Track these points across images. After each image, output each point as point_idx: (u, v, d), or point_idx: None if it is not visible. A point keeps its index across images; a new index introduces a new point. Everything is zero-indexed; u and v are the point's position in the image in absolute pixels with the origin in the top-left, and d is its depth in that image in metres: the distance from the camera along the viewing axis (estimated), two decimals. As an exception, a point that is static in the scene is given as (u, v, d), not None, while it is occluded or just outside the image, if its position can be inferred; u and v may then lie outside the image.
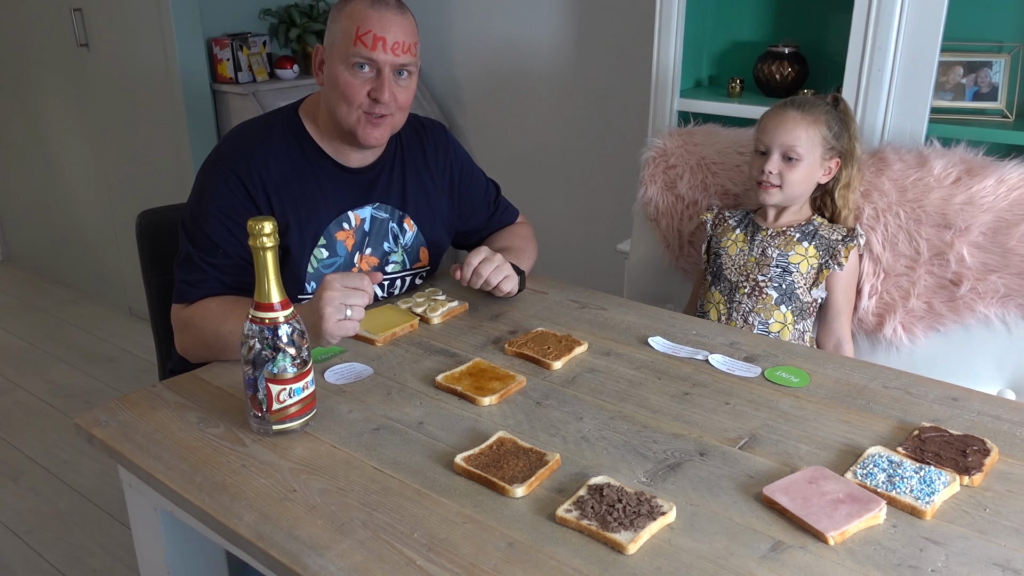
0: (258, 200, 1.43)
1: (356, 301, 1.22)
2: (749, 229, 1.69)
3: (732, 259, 1.68)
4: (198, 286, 1.39)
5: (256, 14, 3.02)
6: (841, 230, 1.63)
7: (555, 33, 2.90)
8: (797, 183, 1.60)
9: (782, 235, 1.65)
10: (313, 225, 1.48)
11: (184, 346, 1.41)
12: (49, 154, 3.56)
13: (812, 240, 1.63)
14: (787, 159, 1.59)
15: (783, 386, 1.24)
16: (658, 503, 0.94)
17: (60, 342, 3.29)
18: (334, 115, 1.43)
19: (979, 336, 1.58)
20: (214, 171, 1.44)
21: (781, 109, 1.62)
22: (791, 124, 1.58)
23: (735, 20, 2.27)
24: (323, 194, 1.49)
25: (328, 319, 1.20)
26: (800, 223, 1.65)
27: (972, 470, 1.00)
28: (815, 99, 1.65)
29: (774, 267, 1.63)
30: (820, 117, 1.59)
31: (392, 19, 1.38)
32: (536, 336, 1.39)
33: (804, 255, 1.62)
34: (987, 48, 1.90)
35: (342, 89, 1.39)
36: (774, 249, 1.64)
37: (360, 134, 1.43)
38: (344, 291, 1.21)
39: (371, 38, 1.36)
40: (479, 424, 1.14)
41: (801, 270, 1.62)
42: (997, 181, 1.54)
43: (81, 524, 2.21)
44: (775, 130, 1.60)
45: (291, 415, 1.09)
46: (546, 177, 3.11)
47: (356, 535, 0.92)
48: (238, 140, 1.47)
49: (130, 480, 1.17)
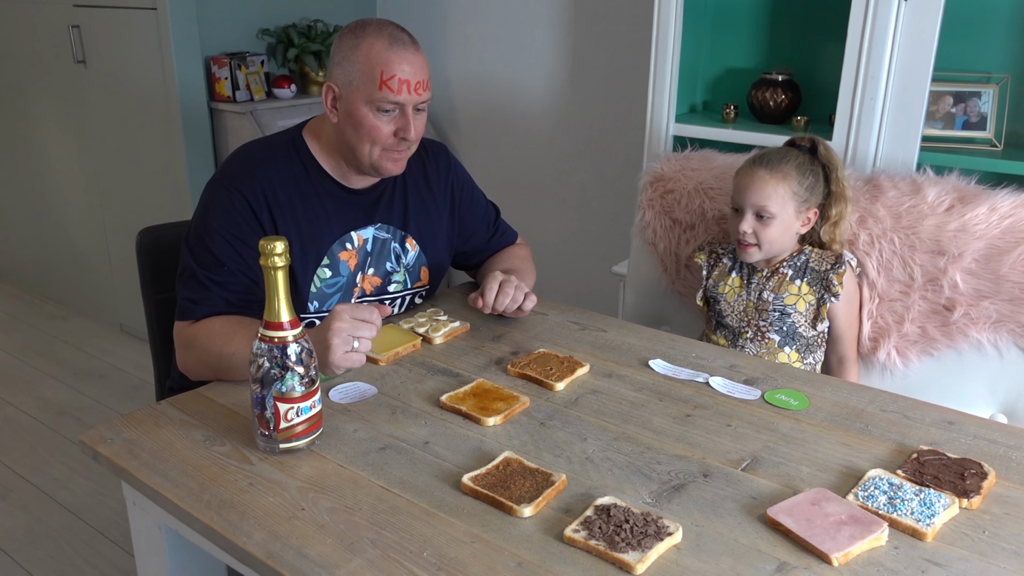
0: (262, 219, 1.44)
1: (364, 334, 1.23)
2: (744, 271, 1.70)
3: (731, 305, 1.69)
4: (202, 304, 1.39)
5: (254, 34, 3.05)
6: (830, 258, 1.64)
7: (551, 57, 2.94)
8: (774, 240, 1.61)
9: (776, 274, 1.65)
10: (316, 245, 1.49)
11: (186, 364, 1.41)
12: (43, 170, 3.56)
13: (804, 276, 1.63)
14: (760, 218, 1.59)
15: (783, 409, 1.26)
16: (664, 524, 0.96)
17: (50, 358, 3.27)
18: (354, 151, 1.44)
19: (972, 361, 1.61)
20: (219, 189, 1.45)
21: (750, 168, 1.62)
22: (759, 184, 1.58)
23: (729, 47, 2.32)
24: (326, 214, 1.50)
25: (335, 350, 1.21)
26: (792, 255, 1.66)
27: (971, 493, 1.02)
28: (787, 151, 1.63)
29: (772, 311, 1.64)
30: (790, 172, 1.58)
31: (412, 59, 1.39)
32: (538, 357, 1.40)
33: (799, 294, 1.63)
34: (976, 79, 1.94)
35: (368, 131, 1.41)
36: (769, 292, 1.64)
37: (383, 168, 1.46)
38: (353, 323, 1.22)
39: (396, 83, 1.37)
40: (484, 444, 1.15)
41: (799, 309, 1.63)
42: (989, 209, 1.57)
43: (72, 542, 2.20)
44: (746, 191, 1.60)
45: (298, 434, 1.10)
46: (541, 199, 3.13)
47: (366, 554, 0.92)
48: (243, 160, 1.49)
49: (134, 497, 1.17)
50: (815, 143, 1.65)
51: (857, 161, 1.92)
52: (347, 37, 1.42)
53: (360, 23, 1.43)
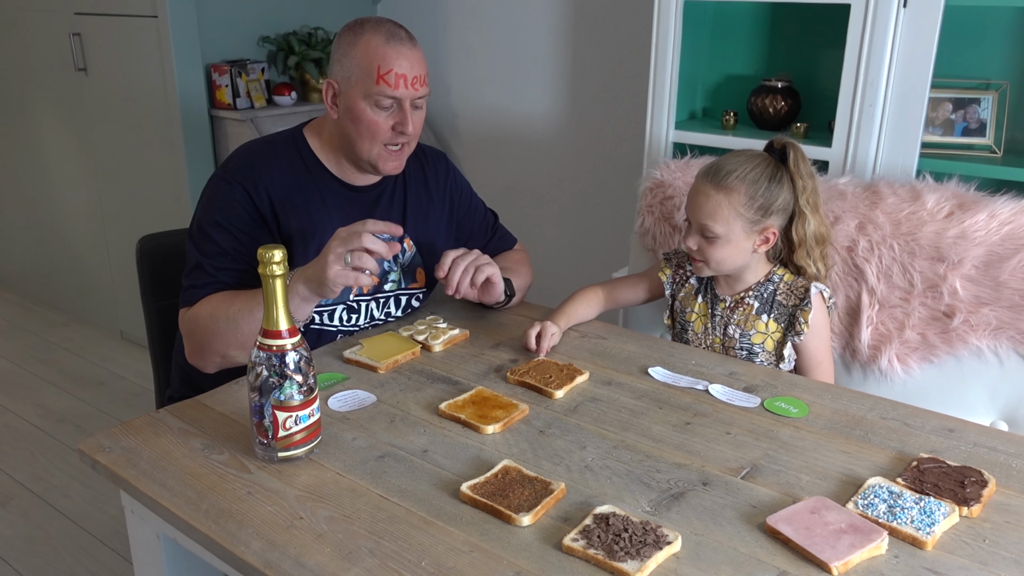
0: (263, 211, 1.46)
1: (354, 245, 1.26)
2: (708, 297, 1.59)
3: (698, 336, 1.59)
4: (201, 287, 1.42)
5: (255, 41, 3.05)
6: (799, 291, 1.51)
7: (551, 64, 2.94)
8: (722, 260, 1.48)
9: (740, 305, 1.54)
10: (317, 238, 1.50)
11: (194, 347, 1.43)
12: (43, 177, 3.56)
13: (771, 310, 1.52)
14: (705, 236, 1.47)
15: (782, 416, 1.26)
16: (663, 533, 0.95)
17: (50, 365, 3.27)
18: (354, 148, 1.47)
19: (972, 368, 1.61)
20: (220, 184, 1.47)
21: (699, 182, 1.48)
22: (703, 200, 1.45)
23: (729, 54, 2.32)
24: (327, 210, 1.52)
25: (330, 266, 1.25)
26: (759, 282, 1.54)
27: (971, 501, 1.02)
28: (746, 159, 1.46)
29: (739, 349, 1.54)
30: (738, 188, 1.42)
31: (409, 54, 1.42)
32: (537, 365, 1.40)
33: (766, 332, 1.53)
34: (975, 85, 1.94)
35: (367, 126, 1.43)
36: (735, 328, 1.54)
37: (383, 167, 1.48)
38: (347, 239, 1.26)
39: (393, 77, 1.40)
40: (483, 452, 1.15)
41: (767, 348, 1.53)
42: (989, 216, 1.57)
43: (72, 550, 2.19)
44: (691, 206, 1.48)
45: (297, 442, 1.10)
46: (541, 205, 3.13)
47: (364, 563, 0.92)
48: (244, 155, 1.52)
49: (132, 506, 1.16)
50: (786, 150, 1.49)
51: (857, 168, 1.92)
52: (346, 34, 1.45)
53: (358, 21, 1.46)
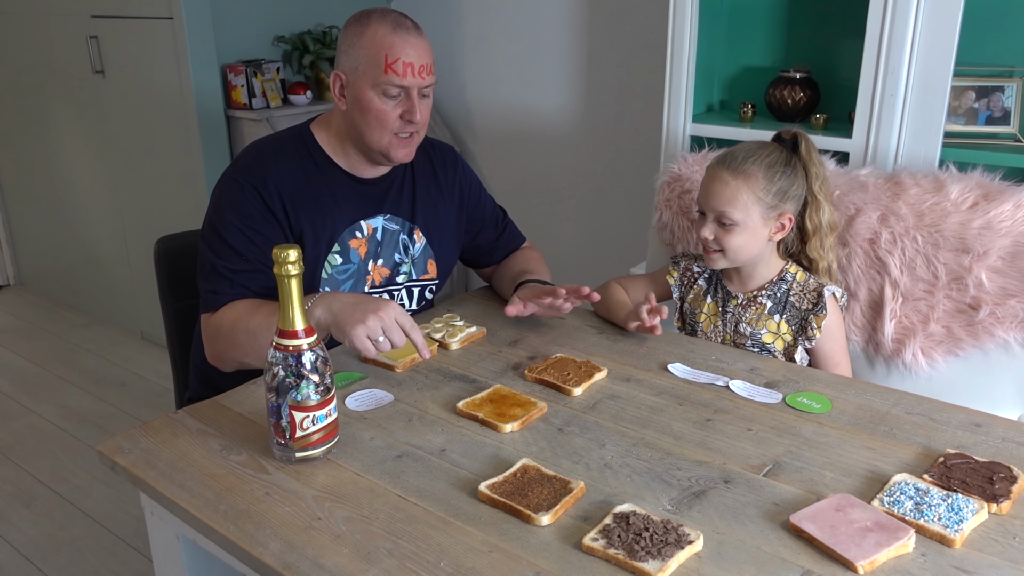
0: (274, 208, 1.46)
1: (394, 338, 1.25)
2: (719, 295, 1.58)
3: (708, 336, 1.58)
4: (224, 293, 1.42)
5: (270, 41, 3.06)
6: (812, 295, 1.50)
7: (567, 59, 2.92)
8: (739, 248, 1.47)
9: (753, 304, 1.53)
10: (328, 232, 1.51)
11: (214, 353, 1.44)
12: (63, 179, 3.59)
13: (783, 312, 1.51)
14: (722, 224, 1.46)
15: (805, 412, 1.24)
16: (685, 532, 0.94)
17: (72, 366, 3.30)
18: (364, 138, 1.47)
19: (999, 361, 1.58)
20: (230, 183, 1.48)
21: (714, 169, 1.48)
22: (719, 187, 1.45)
23: (746, 45, 2.29)
24: (336, 203, 1.52)
25: (359, 336, 1.23)
26: (771, 281, 1.54)
27: (1000, 498, 1.00)
28: (759, 148, 1.47)
29: (749, 347, 1.53)
30: (756, 173, 1.43)
31: (415, 43, 1.43)
32: (555, 362, 1.39)
33: (777, 332, 1.51)
34: (999, 73, 1.91)
35: (375, 115, 1.44)
36: (746, 325, 1.53)
37: (393, 155, 1.48)
38: (394, 323, 1.25)
39: (401, 65, 1.41)
40: (501, 451, 1.14)
41: (778, 348, 1.52)
42: (1015, 205, 1.54)
43: (95, 550, 2.21)
44: (706, 194, 1.48)
45: (314, 442, 1.09)
46: (558, 201, 3.12)
47: (382, 564, 0.91)
48: (252, 154, 1.52)
49: (152, 507, 1.16)
50: (797, 139, 1.50)
51: (878, 158, 1.89)
52: (352, 25, 1.46)
53: (364, 12, 1.46)
